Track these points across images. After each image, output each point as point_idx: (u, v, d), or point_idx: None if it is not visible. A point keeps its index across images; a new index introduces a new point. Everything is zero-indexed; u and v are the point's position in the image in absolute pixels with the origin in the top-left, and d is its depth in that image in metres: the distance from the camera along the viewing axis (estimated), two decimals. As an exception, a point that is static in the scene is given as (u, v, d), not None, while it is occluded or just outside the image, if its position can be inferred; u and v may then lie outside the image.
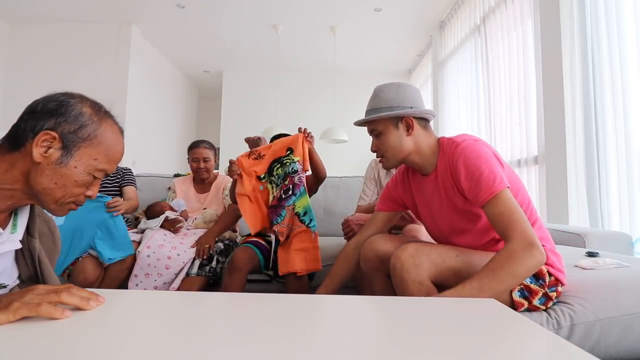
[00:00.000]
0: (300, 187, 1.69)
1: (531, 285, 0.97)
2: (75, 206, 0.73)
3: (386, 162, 1.15)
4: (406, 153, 1.11)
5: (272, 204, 1.72)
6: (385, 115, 1.09)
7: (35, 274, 0.74)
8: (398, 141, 1.10)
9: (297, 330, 0.55)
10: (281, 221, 1.67)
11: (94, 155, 0.71)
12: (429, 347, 0.49)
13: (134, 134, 5.06)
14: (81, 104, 0.71)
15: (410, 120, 1.09)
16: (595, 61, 2.14)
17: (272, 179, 1.76)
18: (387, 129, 1.11)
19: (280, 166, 1.74)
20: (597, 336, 0.95)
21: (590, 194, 2.12)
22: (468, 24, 3.91)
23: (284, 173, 1.72)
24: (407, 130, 1.09)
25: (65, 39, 4.98)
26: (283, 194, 1.69)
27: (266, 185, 1.77)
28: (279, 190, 1.71)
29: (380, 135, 1.12)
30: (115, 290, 1.08)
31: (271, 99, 6.22)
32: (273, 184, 1.75)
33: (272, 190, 1.75)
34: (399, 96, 1.10)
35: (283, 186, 1.71)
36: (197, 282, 1.64)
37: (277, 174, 1.74)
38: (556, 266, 1.00)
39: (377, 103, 1.12)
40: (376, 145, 1.15)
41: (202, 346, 0.46)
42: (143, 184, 2.27)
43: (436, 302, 0.73)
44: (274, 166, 1.76)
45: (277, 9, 4.56)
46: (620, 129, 1.98)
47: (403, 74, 6.42)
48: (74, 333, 0.50)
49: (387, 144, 1.11)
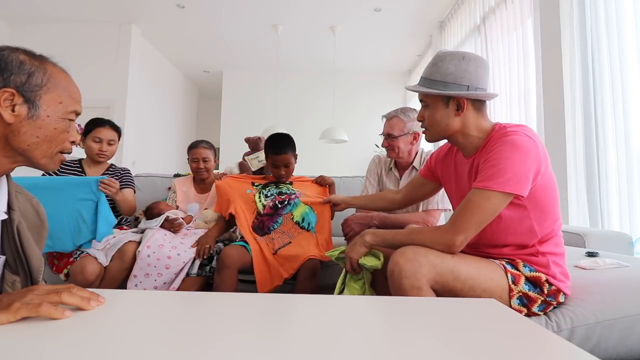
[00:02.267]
0: (296, 199, 1.71)
1: (529, 292, 0.96)
2: (63, 156, 0.74)
3: (428, 135, 1.11)
4: (450, 132, 1.05)
5: (267, 212, 1.70)
6: (434, 93, 1.02)
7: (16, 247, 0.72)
8: (444, 119, 1.04)
9: (296, 330, 0.55)
10: (277, 227, 1.67)
11: (57, 99, 0.71)
12: (428, 347, 0.49)
13: (134, 134, 5.06)
14: (15, 53, 0.70)
15: (462, 101, 1.01)
16: (595, 61, 2.14)
17: (262, 191, 1.75)
18: (435, 104, 1.04)
19: (274, 186, 1.76)
20: (597, 338, 0.95)
21: (590, 194, 2.12)
22: (468, 24, 3.91)
23: (277, 190, 1.74)
24: (456, 110, 1.02)
25: (65, 39, 4.98)
26: (279, 203, 1.69)
27: (254, 193, 1.75)
28: (272, 200, 1.71)
29: (428, 109, 1.06)
30: (115, 290, 1.08)
31: (271, 99, 6.22)
32: (262, 195, 1.74)
33: (258, 199, 1.73)
34: (459, 71, 1.00)
35: (277, 198, 1.71)
36: (198, 282, 1.64)
37: (268, 188, 1.76)
38: (558, 277, 0.99)
39: (433, 74, 1.03)
40: (422, 116, 1.09)
41: (202, 346, 0.46)
42: (143, 184, 2.27)
43: (436, 302, 0.73)
44: (268, 185, 1.78)
45: (277, 9, 4.56)
46: (620, 129, 1.99)
47: (403, 74, 6.42)
48: (74, 333, 0.50)
49: (432, 119, 1.06)
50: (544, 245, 1.00)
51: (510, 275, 0.96)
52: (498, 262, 1.01)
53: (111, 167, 1.93)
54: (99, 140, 1.80)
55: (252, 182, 1.81)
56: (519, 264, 1.00)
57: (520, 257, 1.01)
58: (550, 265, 0.99)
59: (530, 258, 1.01)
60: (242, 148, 2.66)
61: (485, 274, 0.95)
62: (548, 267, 0.99)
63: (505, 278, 0.96)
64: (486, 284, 0.94)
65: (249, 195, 1.76)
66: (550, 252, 1.00)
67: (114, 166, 1.95)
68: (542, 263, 0.99)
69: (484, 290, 0.93)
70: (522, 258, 1.01)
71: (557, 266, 1.00)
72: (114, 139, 1.85)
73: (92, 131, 1.80)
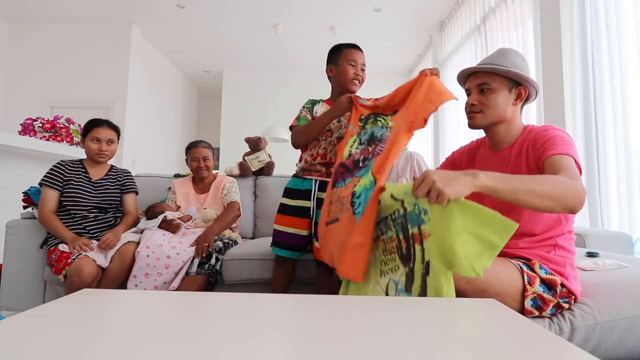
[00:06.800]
0: (372, 160, 1.20)
1: (544, 294, 0.95)
2: None
3: (481, 118, 1.10)
4: (502, 119, 1.09)
5: (346, 163, 1.29)
6: (513, 74, 1.05)
7: None
8: (504, 104, 1.08)
9: (296, 330, 0.55)
10: (343, 187, 1.25)
11: None
12: (428, 347, 0.49)
13: (134, 134, 5.07)
14: None
15: (524, 90, 1.08)
16: (595, 61, 2.14)
17: (360, 133, 1.33)
18: (501, 88, 1.08)
19: (373, 121, 1.31)
20: (597, 339, 0.95)
21: (590, 194, 2.12)
22: (468, 24, 3.90)
23: (371, 132, 1.28)
24: (515, 99, 1.09)
25: (65, 39, 4.98)
26: (361, 160, 1.24)
27: (352, 133, 1.35)
28: (360, 153, 1.27)
29: (490, 92, 1.08)
30: (115, 290, 1.08)
31: (271, 99, 6.22)
32: (358, 138, 1.33)
33: (352, 144, 1.33)
34: (523, 65, 1.08)
35: (365, 152, 1.25)
36: (197, 281, 1.64)
37: (366, 128, 1.32)
38: (571, 280, 0.99)
39: (503, 61, 1.08)
40: (478, 100, 1.10)
41: (202, 346, 0.46)
42: (143, 184, 2.27)
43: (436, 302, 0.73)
44: (370, 117, 1.33)
45: (277, 9, 4.56)
46: (620, 129, 1.98)
47: (403, 74, 6.41)
48: (74, 333, 0.50)
49: (493, 102, 1.08)
50: (561, 238, 1.01)
51: (526, 276, 0.95)
52: (515, 262, 0.98)
53: (112, 168, 1.93)
54: (98, 140, 1.80)
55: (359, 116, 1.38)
56: (535, 264, 0.98)
57: (536, 255, 1.00)
58: (567, 267, 0.98)
59: (546, 255, 1.00)
60: (242, 148, 2.66)
61: (502, 277, 0.92)
62: (565, 268, 0.98)
63: (521, 280, 0.94)
64: (501, 287, 0.91)
65: (349, 132, 1.38)
66: (565, 248, 1.00)
67: (115, 168, 1.94)
68: (559, 262, 0.98)
69: (497, 293, 0.90)
70: (538, 255, 1.00)
71: (573, 269, 1.00)
72: (113, 138, 1.85)
73: (91, 131, 1.80)
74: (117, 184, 1.89)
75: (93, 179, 1.83)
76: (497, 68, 1.06)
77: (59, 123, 2.88)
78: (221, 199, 2.05)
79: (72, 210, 1.74)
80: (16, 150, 2.58)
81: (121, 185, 1.90)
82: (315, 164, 1.53)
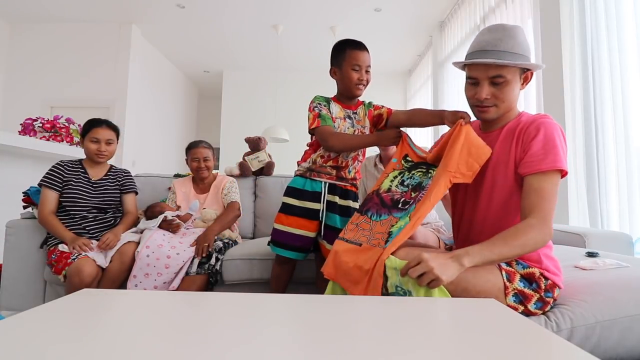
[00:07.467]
0: (413, 206, 1.13)
1: (525, 289, 0.96)
2: None
3: (495, 112, 1.03)
4: (512, 108, 1.05)
5: (383, 196, 1.25)
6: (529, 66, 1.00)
7: None
8: (516, 94, 1.03)
9: (296, 330, 0.55)
10: (378, 221, 1.19)
11: None
12: (428, 347, 0.49)
13: (134, 134, 5.07)
14: None
15: (531, 74, 1.03)
16: (595, 61, 2.14)
17: (405, 173, 1.28)
18: (514, 79, 1.00)
19: (424, 173, 1.24)
20: (597, 338, 0.94)
21: (590, 194, 2.12)
22: (468, 24, 3.90)
23: (419, 181, 1.21)
24: (522, 83, 1.03)
25: (65, 39, 4.98)
26: (401, 203, 1.19)
27: (394, 166, 1.31)
28: (402, 195, 1.21)
29: (504, 85, 0.99)
30: (115, 290, 1.08)
31: (271, 99, 6.22)
32: (399, 178, 1.28)
33: (392, 180, 1.28)
34: (526, 42, 1.01)
35: (407, 195, 1.20)
36: (197, 281, 1.64)
37: (413, 174, 1.26)
38: (551, 270, 1.00)
39: (514, 47, 0.98)
40: (492, 93, 1.01)
41: (202, 346, 0.46)
42: (143, 184, 2.27)
43: (436, 302, 0.73)
44: (420, 165, 1.27)
45: (277, 9, 4.56)
46: (620, 129, 1.98)
47: (403, 74, 6.41)
48: (74, 333, 0.50)
49: (508, 95, 1.01)
50: None
51: (504, 272, 0.96)
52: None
53: (112, 168, 1.92)
54: (97, 140, 1.80)
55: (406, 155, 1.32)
56: (512, 261, 1.00)
57: None
58: (542, 259, 0.99)
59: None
60: (242, 148, 2.66)
61: (481, 274, 0.94)
62: (540, 262, 0.99)
63: (501, 276, 0.96)
64: (481, 285, 0.93)
65: (391, 164, 1.33)
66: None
67: (115, 167, 1.94)
68: (533, 258, 0.99)
69: (478, 292, 0.92)
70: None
71: (549, 259, 1.01)
72: (112, 138, 1.84)
73: (90, 132, 1.80)
74: (117, 184, 1.89)
75: (92, 179, 1.83)
76: (519, 64, 0.98)
77: (59, 123, 2.88)
78: (221, 199, 2.06)
79: (71, 211, 1.74)
80: (16, 150, 2.58)
81: (121, 185, 1.90)
82: (327, 166, 1.50)
